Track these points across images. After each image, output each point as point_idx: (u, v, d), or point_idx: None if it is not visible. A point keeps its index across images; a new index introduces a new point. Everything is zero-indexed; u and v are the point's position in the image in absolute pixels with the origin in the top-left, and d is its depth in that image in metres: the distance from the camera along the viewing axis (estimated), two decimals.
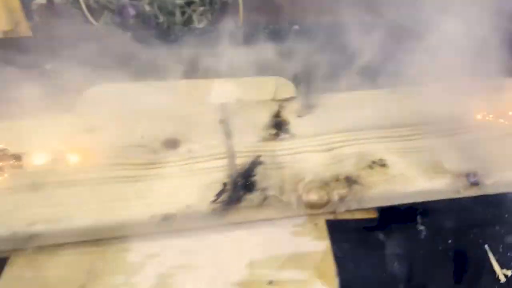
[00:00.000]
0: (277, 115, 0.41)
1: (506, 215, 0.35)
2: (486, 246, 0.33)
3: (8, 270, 0.31)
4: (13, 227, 0.31)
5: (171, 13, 0.81)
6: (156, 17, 0.79)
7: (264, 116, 0.40)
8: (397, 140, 0.38)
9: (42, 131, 0.38)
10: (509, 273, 0.31)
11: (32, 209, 0.32)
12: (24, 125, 0.39)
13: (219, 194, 0.33)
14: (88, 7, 0.82)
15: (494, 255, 0.32)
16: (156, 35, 0.69)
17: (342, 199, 0.33)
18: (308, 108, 0.41)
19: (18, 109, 0.41)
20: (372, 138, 0.38)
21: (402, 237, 0.34)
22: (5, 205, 0.32)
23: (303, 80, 0.46)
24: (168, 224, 0.32)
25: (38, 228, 0.31)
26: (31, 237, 0.31)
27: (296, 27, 0.62)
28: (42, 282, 0.30)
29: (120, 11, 0.78)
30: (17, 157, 0.35)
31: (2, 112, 0.41)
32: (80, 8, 0.82)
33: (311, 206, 0.33)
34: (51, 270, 0.31)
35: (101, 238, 0.32)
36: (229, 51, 0.56)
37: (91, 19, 0.83)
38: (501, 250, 0.33)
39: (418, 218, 0.35)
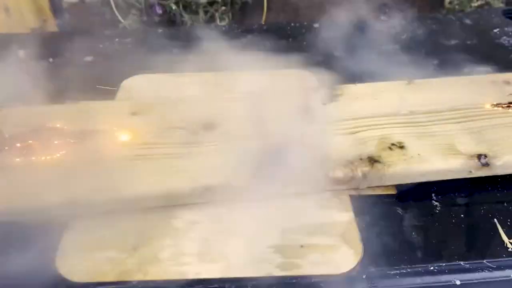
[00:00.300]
0: (304, 102, 0.44)
1: None
2: (495, 220, 0.36)
3: (67, 236, 0.35)
4: (74, 195, 0.35)
5: (195, 12, 0.85)
6: (181, 15, 0.84)
7: (291, 103, 0.44)
8: (414, 126, 0.41)
9: (95, 114, 0.42)
10: None
11: (90, 180, 0.36)
12: (80, 108, 0.43)
13: (253, 169, 0.37)
14: (117, 5, 0.87)
15: (503, 228, 0.35)
16: (181, 31, 0.73)
17: (364, 176, 0.37)
18: (332, 96, 0.45)
19: (69, 95, 0.46)
20: (392, 123, 0.42)
21: (418, 211, 0.37)
22: (66, 176, 0.36)
23: (327, 72, 0.49)
24: (209, 195, 0.36)
25: (93, 196, 0.35)
26: (88, 203, 0.35)
27: (316, 25, 0.65)
28: (100, 243, 0.34)
29: (147, 10, 0.83)
30: (74, 136, 0.39)
31: (55, 97, 0.45)
32: (109, 6, 0.87)
33: (337, 182, 0.37)
34: (107, 234, 0.35)
35: (150, 207, 0.36)
36: (254, 46, 0.60)
37: (119, 17, 0.87)
38: (509, 223, 0.36)
39: (433, 195, 0.39)
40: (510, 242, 0.34)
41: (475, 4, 0.85)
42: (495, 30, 0.64)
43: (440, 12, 0.75)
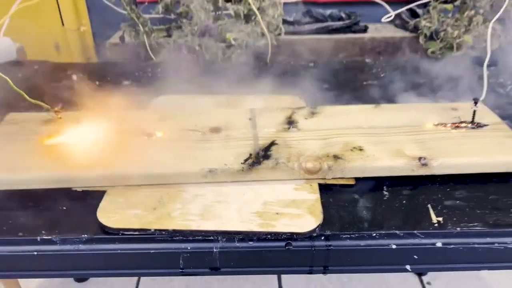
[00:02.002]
0: (290, 116, 0.57)
1: (448, 189, 0.49)
2: (429, 206, 0.47)
3: (107, 197, 0.47)
4: (112, 169, 0.48)
5: (215, 53, 1.02)
6: (203, 55, 1.01)
7: (281, 117, 0.57)
8: (373, 136, 0.53)
9: (132, 119, 0.56)
10: (440, 219, 0.45)
11: (123, 161, 0.49)
12: (122, 115, 0.57)
13: (246, 160, 0.49)
14: (150, 45, 1.05)
15: (434, 211, 0.46)
16: (200, 66, 0.88)
17: (329, 168, 0.49)
18: (312, 114, 0.58)
19: (114, 108, 0.60)
20: (356, 133, 0.54)
21: (371, 197, 0.48)
22: (107, 158, 0.49)
23: (312, 97, 0.63)
24: (211, 176, 0.48)
25: (127, 171, 0.48)
26: (123, 177, 0.48)
27: (310, 64, 0.80)
28: (129, 205, 0.46)
29: (175, 50, 1.00)
30: (116, 133, 0.53)
31: (103, 108, 0.60)
32: (144, 47, 1.05)
33: (308, 172, 0.49)
34: (134, 199, 0.47)
35: (167, 183, 0.49)
36: (259, 80, 0.74)
37: (151, 55, 1.05)
38: (439, 208, 0.47)
39: (385, 187, 0.50)
40: (437, 220, 0.45)
41: (455, 53, 0.98)
42: (460, 73, 0.76)
43: (422, 58, 0.89)
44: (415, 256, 0.44)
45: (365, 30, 1.12)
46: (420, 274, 1.11)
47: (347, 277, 1.10)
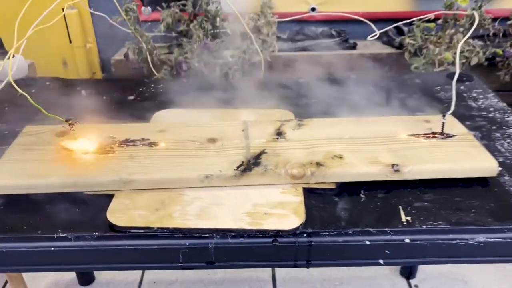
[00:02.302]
0: (279, 128, 0.64)
1: (418, 192, 0.56)
2: (400, 207, 0.53)
3: (115, 200, 0.53)
4: (119, 176, 0.54)
5: (213, 69, 1.09)
6: (202, 71, 1.08)
7: (270, 129, 0.64)
8: (352, 145, 0.60)
9: (136, 130, 0.62)
10: (409, 218, 0.51)
11: (130, 168, 0.55)
12: (126, 126, 0.64)
13: (239, 166, 0.56)
14: (152, 62, 1.12)
15: (404, 212, 0.52)
16: (199, 81, 0.95)
17: (312, 174, 0.55)
18: (299, 126, 0.65)
19: (119, 120, 0.67)
20: (337, 143, 0.60)
21: (349, 200, 0.54)
22: (115, 165, 0.56)
23: (300, 110, 0.69)
24: (208, 181, 0.55)
25: (133, 177, 0.54)
26: (129, 182, 0.54)
27: (301, 80, 0.87)
28: (135, 205, 0.52)
29: (176, 66, 1.07)
30: (122, 143, 0.60)
31: (111, 119, 0.66)
32: (147, 63, 1.12)
33: (293, 177, 0.55)
34: (139, 201, 0.53)
35: (168, 187, 0.55)
36: (253, 93, 0.81)
37: (154, 71, 1.12)
38: (408, 209, 0.53)
39: (362, 191, 0.56)
40: (406, 219, 0.51)
41: (437, 69, 1.05)
42: (436, 88, 0.83)
43: (405, 73, 0.96)
44: (386, 251, 0.50)
45: (354, 47, 1.20)
46: (408, 277, 1.16)
47: (338, 280, 1.15)
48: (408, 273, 1.15)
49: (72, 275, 1.11)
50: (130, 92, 0.83)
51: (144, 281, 1.15)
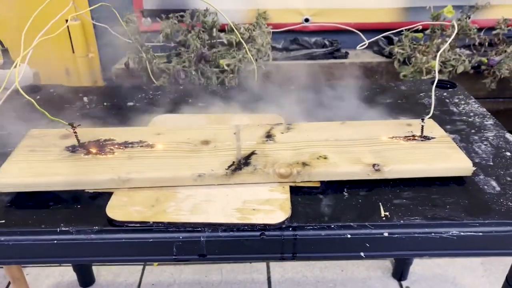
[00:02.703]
0: (268, 131, 0.68)
1: (397, 190, 0.59)
2: (380, 204, 0.57)
3: (114, 197, 0.57)
4: (118, 175, 0.58)
5: (209, 78, 1.13)
6: (199, 79, 1.12)
7: (261, 132, 0.68)
8: (336, 147, 0.64)
9: (134, 133, 0.67)
10: (388, 213, 0.55)
11: (127, 167, 0.59)
12: (125, 130, 0.68)
13: (230, 166, 0.60)
14: (152, 71, 1.17)
15: (383, 208, 0.56)
16: (196, 89, 0.99)
17: (298, 173, 0.59)
18: (287, 129, 0.69)
19: (119, 124, 0.71)
20: (322, 145, 0.64)
21: (333, 197, 0.58)
22: (114, 165, 0.60)
23: (290, 115, 0.74)
24: (200, 180, 0.59)
25: (131, 176, 0.58)
26: (127, 180, 0.58)
27: (292, 87, 0.91)
28: (132, 202, 0.56)
29: (174, 74, 1.11)
30: (121, 145, 0.64)
31: (111, 124, 0.70)
32: (147, 72, 1.16)
33: (281, 176, 0.59)
34: (136, 198, 0.57)
35: (163, 186, 0.59)
36: (246, 100, 0.85)
37: (153, 79, 1.17)
38: (387, 206, 0.56)
39: (345, 189, 0.60)
40: (384, 214, 0.55)
41: (425, 77, 1.09)
42: (421, 94, 0.87)
43: (394, 81, 1.00)
44: (367, 244, 0.54)
45: (345, 56, 1.24)
46: (400, 279, 1.19)
47: (332, 282, 1.18)
48: (400, 275, 1.18)
49: (73, 277, 1.15)
50: (129, 99, 0.87)
51: (142, 283, 1.18)
